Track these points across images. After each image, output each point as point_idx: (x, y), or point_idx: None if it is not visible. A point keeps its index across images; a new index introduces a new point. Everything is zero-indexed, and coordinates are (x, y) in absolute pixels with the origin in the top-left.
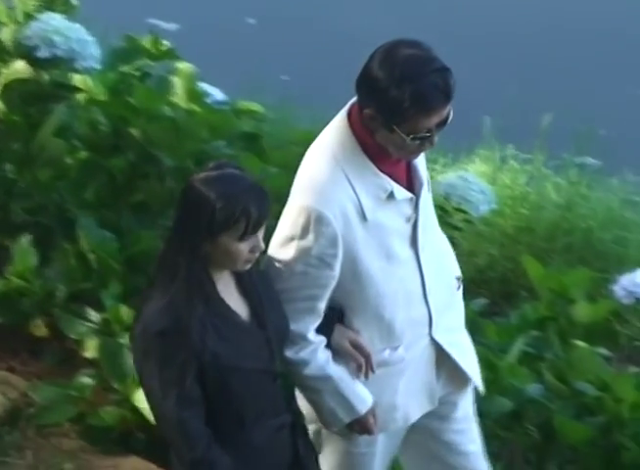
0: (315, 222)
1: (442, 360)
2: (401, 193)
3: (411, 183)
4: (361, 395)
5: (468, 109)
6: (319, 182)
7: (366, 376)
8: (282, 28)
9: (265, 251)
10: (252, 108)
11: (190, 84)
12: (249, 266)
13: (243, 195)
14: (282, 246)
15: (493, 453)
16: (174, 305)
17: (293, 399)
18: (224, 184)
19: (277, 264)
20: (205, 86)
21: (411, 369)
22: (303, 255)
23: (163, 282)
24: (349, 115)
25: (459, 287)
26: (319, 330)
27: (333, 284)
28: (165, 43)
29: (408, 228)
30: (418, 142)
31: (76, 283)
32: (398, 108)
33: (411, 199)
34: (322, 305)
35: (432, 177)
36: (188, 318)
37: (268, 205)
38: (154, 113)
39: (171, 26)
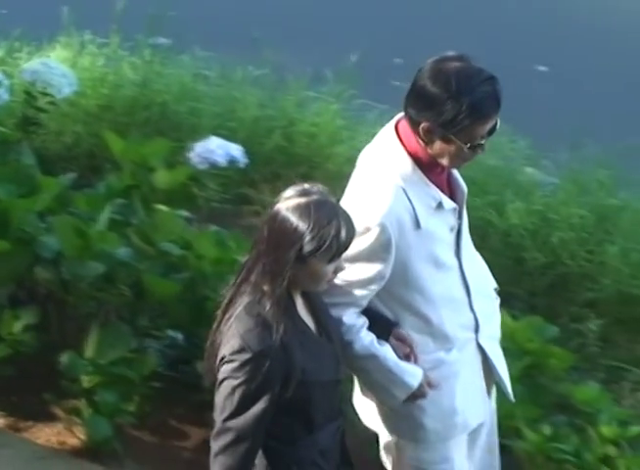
0: (373, 229)
1: (486, 368)
2: (448, 203)
3: (452, 193)
4: (410, 369)
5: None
6: (378, 196)
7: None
8: None
9: None
10: None
11: None
12: (327, 286)
13: (333, 220)
14: None
15: (90, 314)
16: (267, 326)
17: (342, 402)
18: (314, 211)
19: None
20: None
21: (465, 372)
22: (354, 255)
23: (248, 303)
24: (397, 131)
25: (496, 298)
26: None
27: (377, 285)
28: None
29: (452, 237)
30: (473, 149)
31: None
32: (456, 119)
33: (455, 209)
34: (363, 302)
35: (17, 65)
36: (284, 338)
37: (354, 226)
38: None
39: None
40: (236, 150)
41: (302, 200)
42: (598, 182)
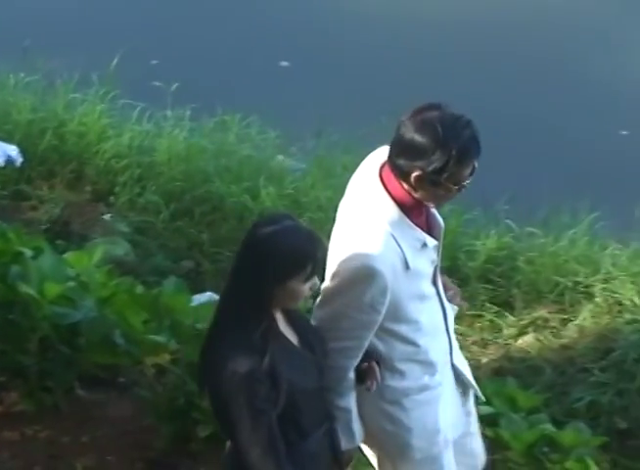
0: (370, 276)
1: (459, 382)
2: (431, 241)
3: (431, 230)
4: (360, 429)
5: None
6: (372, 244)
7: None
8: None
9: None
10: None
11: None
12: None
13: (307, 243)
14: (336, 294)
15: None
16: (254, 348)
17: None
18: (290, 236)
19: (328, 308)
20: None
21: (445, 394)
22: (357, 302)
23: (233, 327)
24: (381, 180)
25: (454, 308)
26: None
27: (376, 326)
28: None
29: (432, 270)
30: (459, 190)
31: None
32: (447, 165)
33: (436, 245)
34: (367, 343)
35: None
36: (271, 357)
37: (326, 247)
38: None
39: None
40: (12, 150)
41: (277, 227)
42: (342, 166)
